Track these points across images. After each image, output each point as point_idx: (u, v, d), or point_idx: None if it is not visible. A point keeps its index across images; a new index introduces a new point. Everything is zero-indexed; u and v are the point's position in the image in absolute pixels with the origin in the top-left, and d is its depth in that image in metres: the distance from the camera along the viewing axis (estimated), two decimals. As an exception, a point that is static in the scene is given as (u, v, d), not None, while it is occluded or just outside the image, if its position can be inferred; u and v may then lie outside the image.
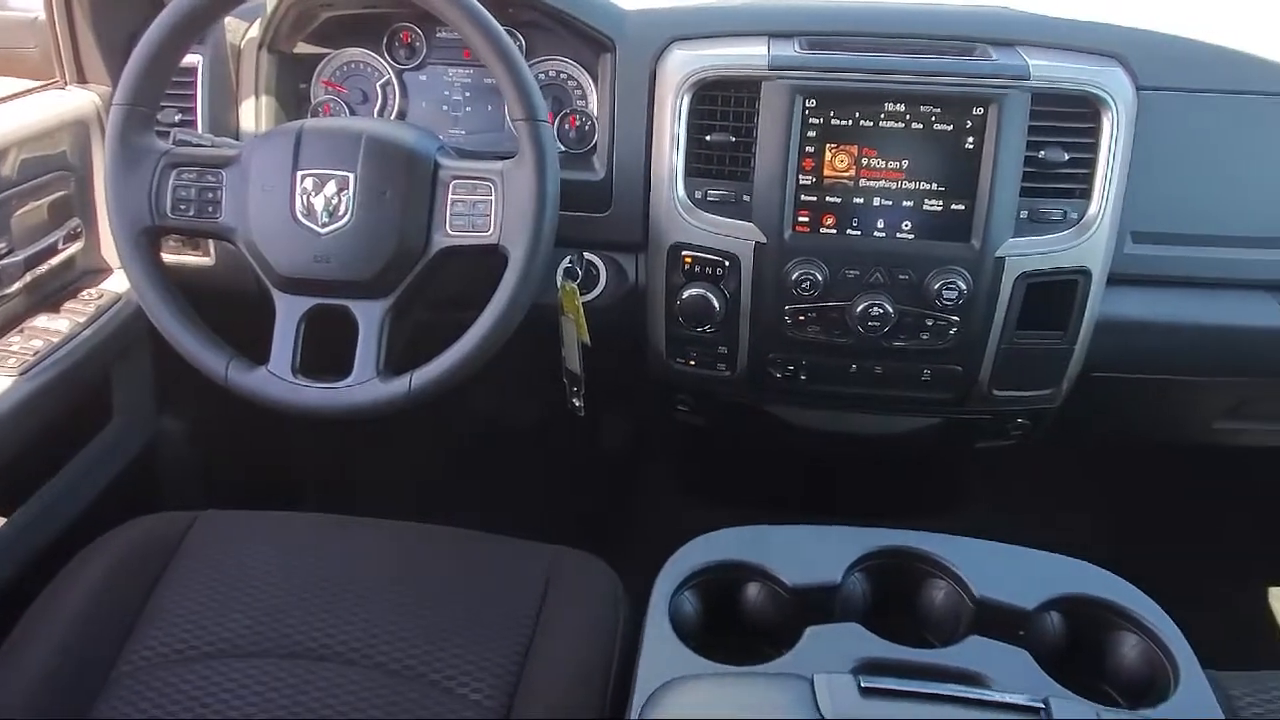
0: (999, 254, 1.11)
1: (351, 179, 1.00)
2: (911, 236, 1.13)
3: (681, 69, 1.14)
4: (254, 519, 1.08)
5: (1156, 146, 1.14)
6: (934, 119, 1.09)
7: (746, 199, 1.14)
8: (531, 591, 0.99)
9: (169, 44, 1.00)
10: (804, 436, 1.39)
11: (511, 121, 0.99)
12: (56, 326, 1.18)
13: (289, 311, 1.02)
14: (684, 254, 1.17)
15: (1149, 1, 1.29)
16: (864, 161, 1.11)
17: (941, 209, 1.11)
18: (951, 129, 1.09)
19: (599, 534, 1.24)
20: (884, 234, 1.13)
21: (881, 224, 1.13)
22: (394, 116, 1.29)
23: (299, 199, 1.00)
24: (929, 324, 1.15)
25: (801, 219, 1.13)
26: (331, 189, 1.00)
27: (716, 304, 1.17)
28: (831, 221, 1.13)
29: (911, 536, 0.91)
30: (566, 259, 1.20)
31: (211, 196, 1.02)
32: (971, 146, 1.09)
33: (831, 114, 1.10)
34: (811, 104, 1.10)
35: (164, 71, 1.02)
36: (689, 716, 0.73)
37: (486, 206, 0.99)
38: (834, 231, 1.13)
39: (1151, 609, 0.86)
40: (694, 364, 1.24)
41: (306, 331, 1.02)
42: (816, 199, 1.12)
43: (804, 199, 1.12)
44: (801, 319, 1.16)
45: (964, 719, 0.72)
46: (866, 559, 0.90)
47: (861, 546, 0.90)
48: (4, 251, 1.14)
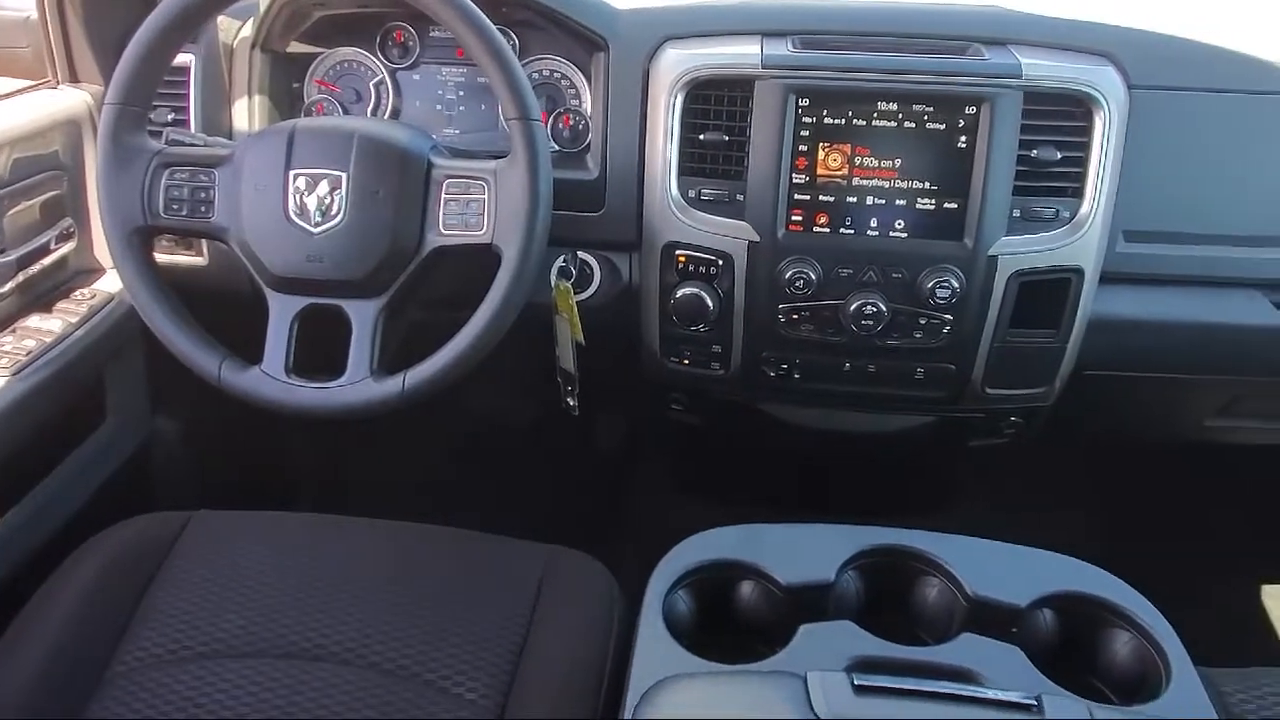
0: (992, 252, 1.11)
1: (344, 178, 0.99)
2: (904, 235, 1.13)
3: (675, 68, 1.14)
4: (248, 519, 1.08)
5: (1148, 145, 1.15)
6: (927, 118, 1.10)
7: (740, 198, 1.14)
8: (526, 591, 0.99)
9: (161, 43, 1.00)
10: (798, 435, 1.40)
11: (504, 120, 0.99)
12: (49, 326, 1.18)
13: (282, 311, 1.02)
14: (678, 253, 1.17)
15: (1141, 1, 1.29)
16: (857, 160, 1.11)
17: (934, 208, 1.12)
18: (944, 128, 1.10)
19: (594, 533, 1.24)
20: (877, 233, 1.13)
21: (874, 223, 1.13)
22: (387, 116, 1.29)
23: (292, 198, 1.00)
24: (922, 322, 1.15)
25: (795, 218, 1.13)
26: (324, 188, 0.99)
27: (710, 303, 1.17)
28: (825, 220, 1.13)
29: (905, 535, 0.92)
30: (560, 258, 1.20)
31: (204, 196, 1.02)
32: (964, 145, 1.10)
33: (824, 113, 1.11)
34: (804, 103, 1.10)
35: (156, 71, 1.01)
36: (683, 715, 0.73)
37: (480, 206, 0.99)
38: (827, 230, 1.13)
39: (1144, 606, 0.86)
40: (688, 363, 1.24)
41: (300, 331, 1.02)
42: (810, 198, 1.13)
43: (797, 198, 1.13)
44: (795, 318, 1.16)
45: (957, 716, 0.72)
46: (860, 557, 0.90)
47: (855, 545, 0.90)
48: (-4, 252, 1.14)
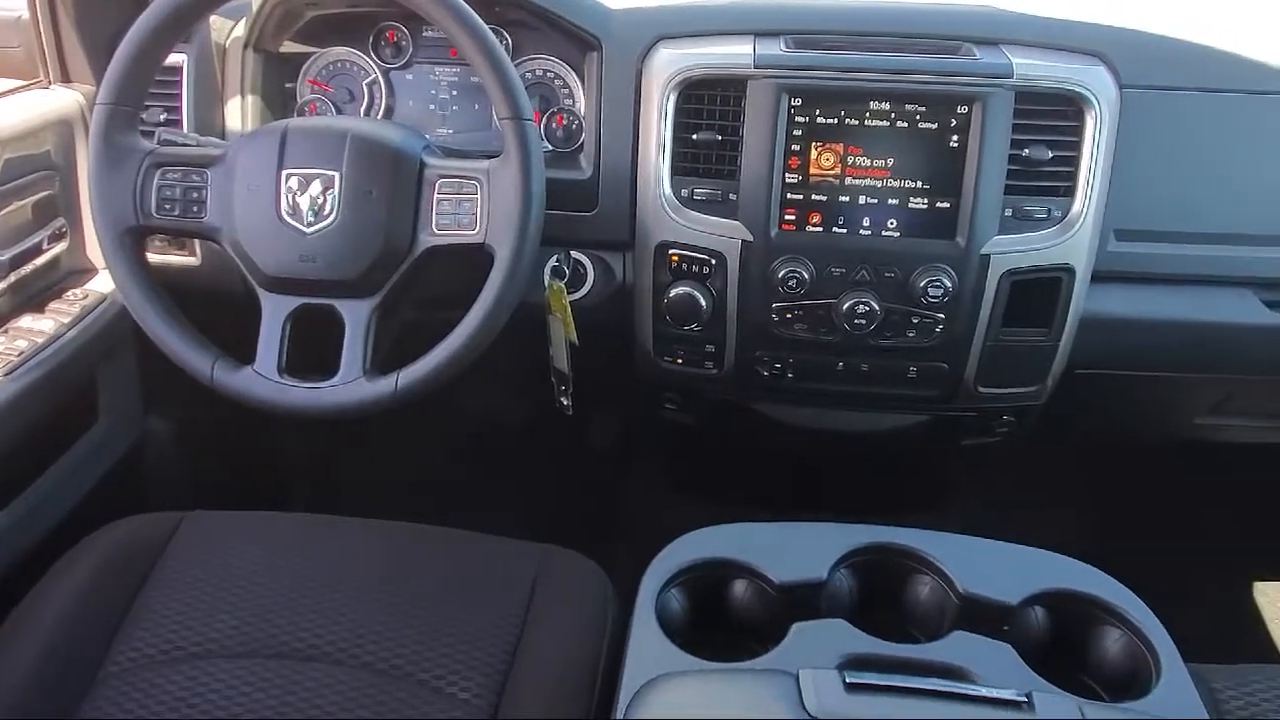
0: (984, 251, 1.12)
1: (337, 178, 0.99)
2: (897, 234, 1.13)
3: (667, 68, 1.14)
4: (240, 519, 1.07)
5: (1140, 145, 1.15)
6: (919, 117, 1.10)
7: (733, 197, 1.14)
8: (520, 590, 0.99)
9: (152, 43, 0.99)
10: (791, 434, 1.40)
11: (497, 120, 0.99)
12: (41, 327, 1.17)
13: (275, 311, 1.02)
14: (671, 252, 1.17)
15: (1132, 1, 1.29)
16: (849, 160, 1.12)
17: (926, 207, 1.12)
18: (936, 127, 1.10)
19: (587, 533, 1.24)
20: (870, 232, 1.13)
21: (867, 222, 1.13)
22: (380, 115, 1.29)
23: (284, 198, 1.00)
24: (915, 321, 1.15)
25: (788, 217, 1.13)
26: (317, 188, 0.99)
27: (703, 302, 1.17)
28: (817, 219, 1.14)
29: (897, 533, 0.92)
30: (554, 258, 1.20)
31: (196, 196, 1.02)
32: (956, 145, 1.10)
33: (817, 112, 1.11)
34: (797, 103, 1.11)
35: (147, 71, 1.01)
36: (675, 713, 0.73)
37: (472, 205, 0.99)
38: (820, 229, 1.14)
39: (1134, 603, 0.86)
40: (681, 362, 1.24)
41: (293, 331, 1.02)
42: (802, 197, 1.13)
43: (790, 197, 1.13)
44: (788, 317, 1.17)
45: (948, 714, 0.72)
46: (852, 555, 0.90)
47: (847, 543, 0.90)
48: (-12, 252, 1.13)
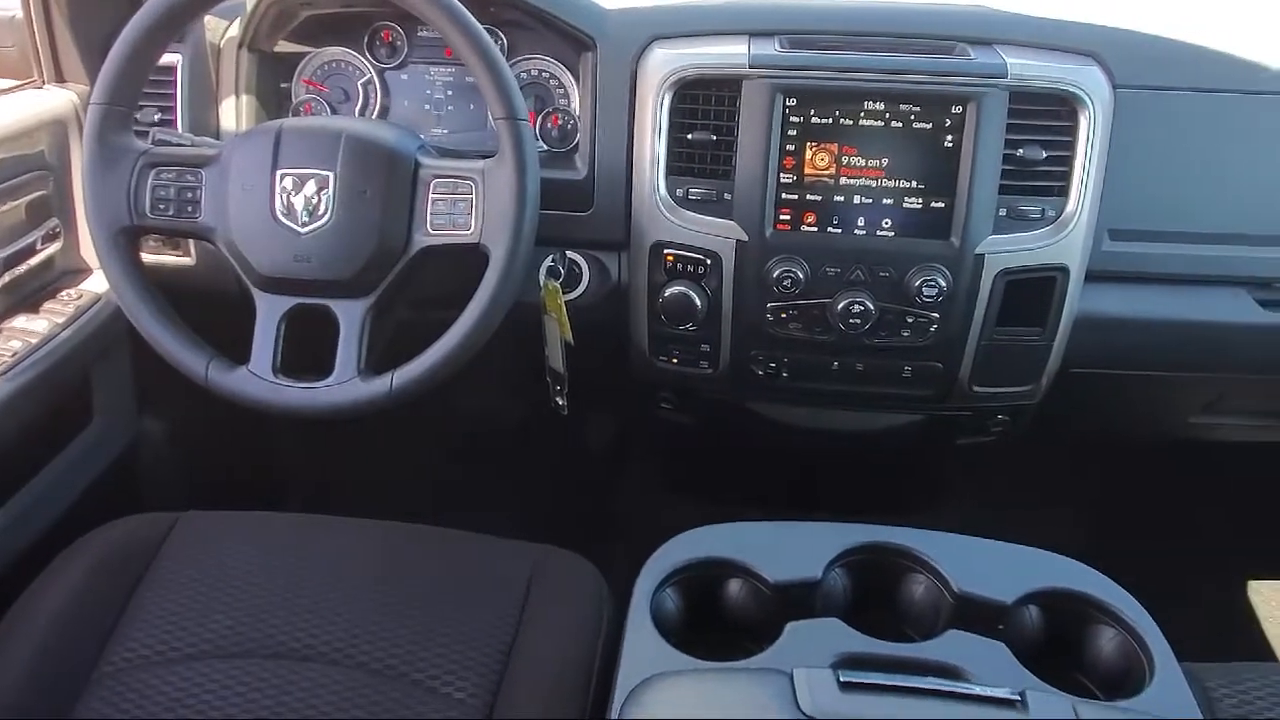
0: (978, 251, 1.12)
1: (331, 178, 0.99)
2: (892, 234, 1.13)
3: (662, 68, 1.14)
4: (235, 519, 1.07)
5: (1133, 145, 1.15)
6: (913, 117, 1.10)
7: (728, 197, 1.14)
8: (515, 590, 0.99)
9: (146, 43, 0.99)
10: (786, 434, 1.40)
11: (492, 120, 0.99)
12: (35, 327, 1.17)
13: (270, 311, 1.02)
14: (666, 252, 1.17)
15: (1126, 1, 1.30)
16: (844, 160, 1.12)
17: (921, 207, 1.12)
18: (930, 127, 1.10)
19: (583, 532, 1.24)
20: (864, 231, 1.13)
21: (862, 222, 1.13)
22: (375, 115, 1.29)
23: (279, 198, 1.00)
24: (909, 321, 1.15)
25: (782, 217, 1.14)
26: (311, 188, 0.99)
27: (699, 302, 1.18)
28: (812, 219, 1.14)
29: (892, 532, 0.92)
30: (549, 258, 1.20)
31: (191, 196, 1.02)
32: (950, 145, 1.10)
33: (812, 112, 1.11)
34: (792, 103, 1.11)
35: (142, 70, 1.01)
36: (670, 712, 0.74)
37: (467, 205, 0.99)
38: (815, 229, 1.14)
39: (1128, 602, 0.86)
40: (677, 362, 1.24)
41: (287, 331, 1.02)
42: (797, 197, 1.13)
43: (785, 197, 1.13)
44: (783, 316, 1.17)
45: (943, 713, 0.72)
46: (847, 554, 0.90)
47: (842, 542, 0.90)
48: (-19, 252, 1.13)
